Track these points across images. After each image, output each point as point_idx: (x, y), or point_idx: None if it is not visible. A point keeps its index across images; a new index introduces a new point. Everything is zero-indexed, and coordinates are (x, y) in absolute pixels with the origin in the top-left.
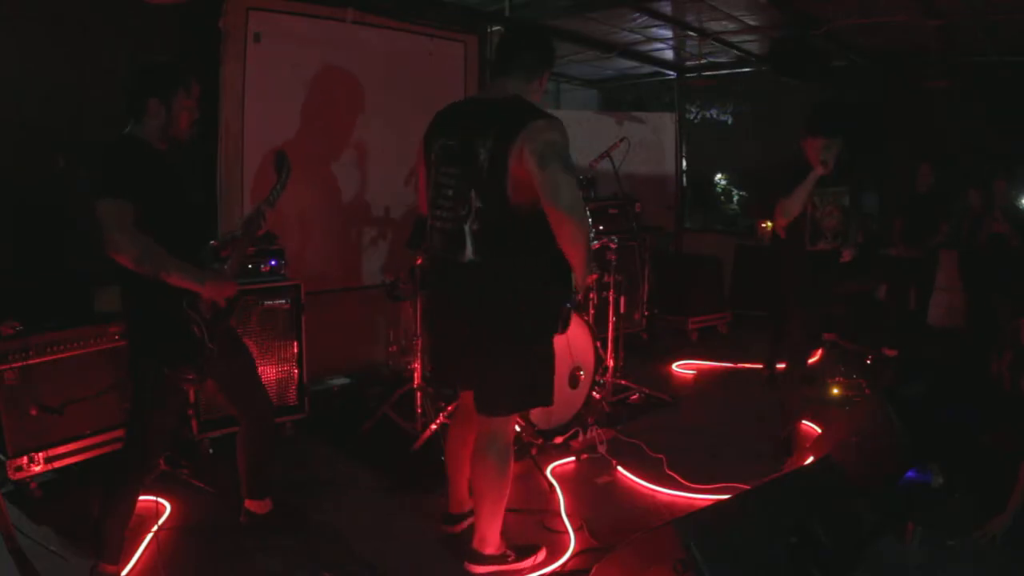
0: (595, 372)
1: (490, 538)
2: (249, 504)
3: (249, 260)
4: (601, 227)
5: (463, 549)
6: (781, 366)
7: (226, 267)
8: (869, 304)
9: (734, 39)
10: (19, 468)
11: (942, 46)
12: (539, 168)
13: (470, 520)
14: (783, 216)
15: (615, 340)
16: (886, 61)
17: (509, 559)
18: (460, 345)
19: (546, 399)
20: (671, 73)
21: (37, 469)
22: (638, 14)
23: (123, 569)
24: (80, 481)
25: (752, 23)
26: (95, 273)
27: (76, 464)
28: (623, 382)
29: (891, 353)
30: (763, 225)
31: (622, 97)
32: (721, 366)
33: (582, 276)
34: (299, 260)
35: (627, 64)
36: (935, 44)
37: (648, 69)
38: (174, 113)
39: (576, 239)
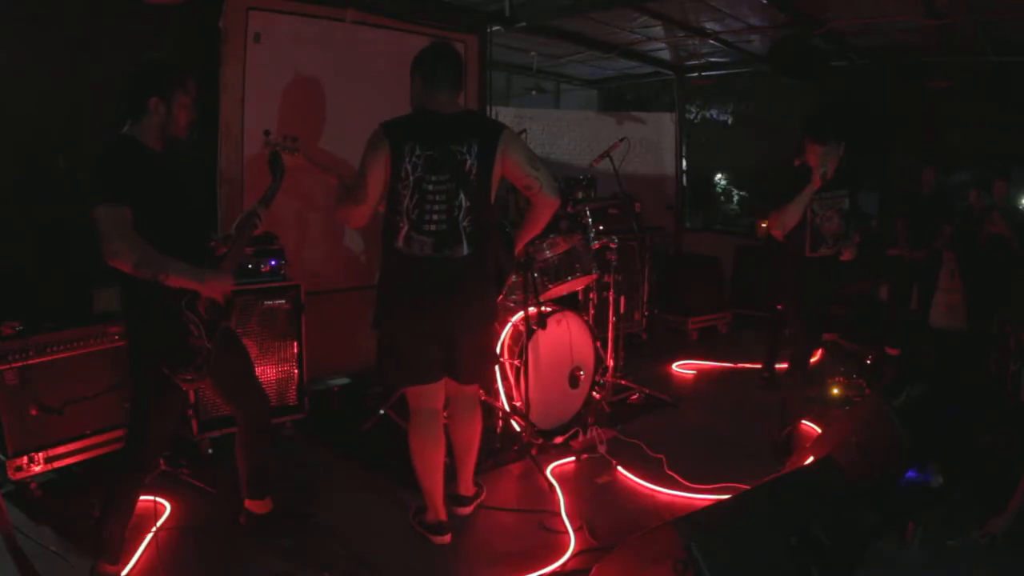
0: (595, 372)
1: (471, 480)
2: (249, 504)
3: (249, 260)
4: (601, 227)
5: (450, 495)
6: (780, 366)
7: (223, 265)
8: (870, 304)
9: (734, 39)
10: (19, 468)
11: (942, 46)
12: (532, 168)
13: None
14: (779, 229)
15: (615, 340)
16: (886, 61)
17: (481, 495)
18: (441, 338)
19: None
20: (671, 73)
21: (37, 469)
22: (638, 14)
23: (123, 569)
24: (80, 481)
25: (752, 23)
26: (95, 273)
27: (76, 464)
28: (623, 382)
29: (893, 352)
30: (762, 224)
31: (622, 97)
32: (721, 366)
33: (524, 244)
34: (299, 260)
35: (627, 64)
36: (935, 44)
37: (648, 69)
38: (174, 112)
39: (549, 218)
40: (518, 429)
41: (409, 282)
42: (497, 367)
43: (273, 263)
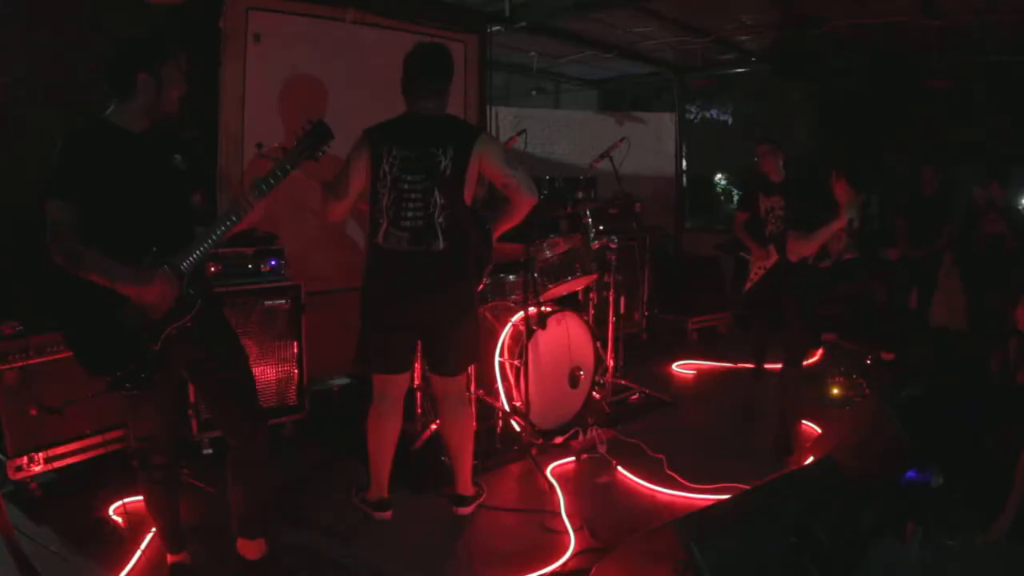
0: (595, 372)
1: (470, 480)
2: (241, 545)
3: (249, 260)
4: (601, 227)
5: (450, 495)
6: (769, 366)
7: (175, 262)
8: (869, 305)
9: (734, 39)
10: (19, 468)
11: (942, 46)
12: (511, 170)
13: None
14: (794, 256)
15: (615, 340)
16: (886, 61)
17: (482, 494)
18: (420, 330)
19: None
20: (671, 73)
21: (37, 469)
22: (639, 14)
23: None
24: (80, 481)
25: (752, 23)
26: None
27: (76, 464)
28: (623, 382)
29: (888, 357)
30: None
31: (622, 97)
32: (721, 366)
33: (498, 235)
34: (299, 260)
35: (627, 64)
36: (935, 44)
37: (648, 69)
38: (165, 88)
39: (526, 213)
40: (518, 429)
41: (389, 275)
42: (497, 367)
43: (273, 263)
